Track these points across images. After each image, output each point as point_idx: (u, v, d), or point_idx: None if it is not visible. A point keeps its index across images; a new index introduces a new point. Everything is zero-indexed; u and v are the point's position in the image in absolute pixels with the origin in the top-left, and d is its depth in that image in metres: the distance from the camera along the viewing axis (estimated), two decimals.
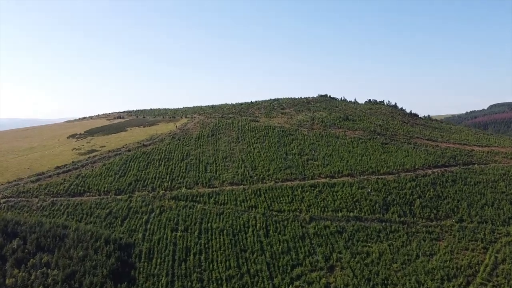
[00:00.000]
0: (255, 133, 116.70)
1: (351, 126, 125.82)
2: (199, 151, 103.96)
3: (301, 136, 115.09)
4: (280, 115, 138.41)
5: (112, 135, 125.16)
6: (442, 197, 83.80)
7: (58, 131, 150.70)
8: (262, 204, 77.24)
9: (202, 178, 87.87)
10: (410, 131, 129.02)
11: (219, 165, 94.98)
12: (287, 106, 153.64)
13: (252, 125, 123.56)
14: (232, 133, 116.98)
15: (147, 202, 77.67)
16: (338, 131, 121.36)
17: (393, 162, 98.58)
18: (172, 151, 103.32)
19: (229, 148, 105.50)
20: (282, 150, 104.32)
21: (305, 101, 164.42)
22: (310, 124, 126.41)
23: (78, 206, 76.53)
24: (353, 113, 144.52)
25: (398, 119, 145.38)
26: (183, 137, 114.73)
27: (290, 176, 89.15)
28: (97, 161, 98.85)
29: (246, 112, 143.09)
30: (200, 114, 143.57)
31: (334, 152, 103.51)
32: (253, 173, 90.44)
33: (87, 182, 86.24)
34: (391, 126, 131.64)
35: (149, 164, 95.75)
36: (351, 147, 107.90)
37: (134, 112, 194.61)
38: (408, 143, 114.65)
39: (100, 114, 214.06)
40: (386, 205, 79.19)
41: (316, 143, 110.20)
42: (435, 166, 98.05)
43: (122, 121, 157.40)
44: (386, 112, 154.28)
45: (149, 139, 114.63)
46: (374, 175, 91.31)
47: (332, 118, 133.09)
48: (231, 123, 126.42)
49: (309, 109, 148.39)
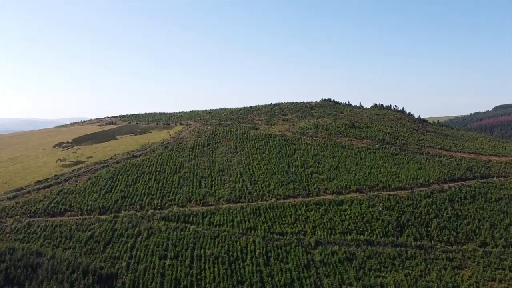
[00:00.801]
0: (254, 142, 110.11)
1: (358, 134, 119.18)
2: (194, 162, 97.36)
3: (304, 146, 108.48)
4: (281, 122, 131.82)
5: (101, 144, 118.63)
6: (462, 216, 77.11)
7: (46, 138, 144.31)
8: (262, 226, 70.59)
9: (196, 195, 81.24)
10: (421, 139, 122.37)
11: (215, 179, 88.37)
12: (288, 112, 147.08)
13: (252, 134, 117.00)
14: (230, 142, 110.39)
15: (134, 223, 71.01)
16: (344, 140, 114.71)
17: (405, 175, 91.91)
18: (164, 163, 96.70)
19: (226, 160, 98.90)
20: (283, 162, 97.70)
21: (307, 106, 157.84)
22: (314, 132, 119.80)
23: (57, 228, 69.91)
24: (359, 120, 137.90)
25: (407, 126, 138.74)
26: (177, 146, 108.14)
27: (292, 192, 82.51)
28: (82, 174, 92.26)
29: (245, 119, 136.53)
30: (196, 121, 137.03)
31: (340, 164, 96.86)
32: (252, 189, 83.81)
33: (69, 199, 79.68)
34: (400, 134, 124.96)
35: (139, 178, 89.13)
36: (359, 158, 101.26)
37: (127, 117, 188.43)
38: (420, 153, 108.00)
39: (92, 119, 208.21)
40: (400, 226, 72.50)
41: (321, 153, 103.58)
42: (451, 179, 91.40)
43: (114, 127, 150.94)
44: (394, 118, 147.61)
45: (140, 149, 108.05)
46: (385, 190, 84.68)
47: (337, 125, 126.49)
48: (229, 131, 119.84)
49: (312, 115, 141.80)
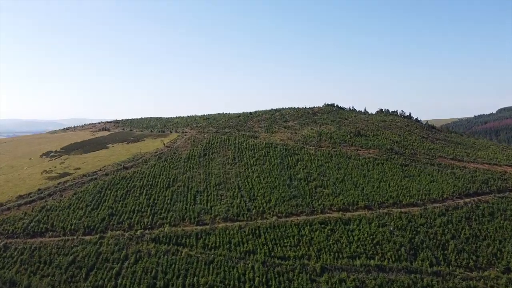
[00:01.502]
0: (254, 153, 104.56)
1: (364, 143, 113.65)
2: (189, 175, 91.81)
3: (307, 156, 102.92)
4: (282, 130, 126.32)
5: (90, 154, 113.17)
6: (481, 237, 71.42)
7: (35, 146, 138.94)
8: (262, 249, 64.96)
9: (190, 212, 75.67)
10: (431, 148, 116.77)
11: (211, 194, 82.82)
12: (290, 118, 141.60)
13: (251, 142, 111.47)
14: (228, 153, 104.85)
15: (121, 245, 65.43)
16: (349, 149, 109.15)
17: (416, 189, 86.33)
18: (156, 176, 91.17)
19: (223, 172, 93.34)
20: (285, 174, 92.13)
21: (310, 112, 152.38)
22: (317, 140, 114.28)
23: (36, 251, 64.41)
24: (365, 127, 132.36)
25: (416, 133, 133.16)
26: (171, 157, 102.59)
27: (295, 209, 76.90)
28: (68, 188, 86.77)
29: (244, 126, 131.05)
30: (193, 128, 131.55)
31: (346, 177, 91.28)
32: (251, 205, 78.23)
33: (52, 217, 74.22)
34: (409, 142, 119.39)
35: (129, 192, 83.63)
36: (366, 170, 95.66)
37: (121, 123, 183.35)
38: (431, 164, 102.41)
39: (85, 124, 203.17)
40: (414, 249, 66.82)
41: (325, 164, 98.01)
42: (467, 194, 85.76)
43: (106, 134, 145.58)
44: (402, 125, 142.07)
45: (132, 160, 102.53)
46: (396, 207, 79.05)
47: (342, 133, 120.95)
48: (227, 139, 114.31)
49: (315, 121, 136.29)
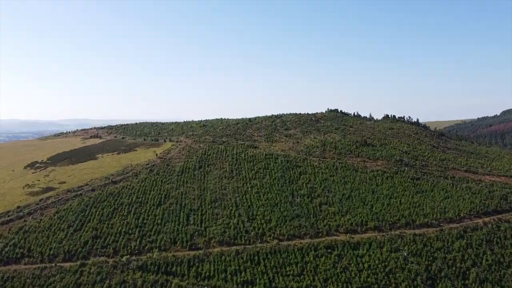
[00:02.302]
0: (253, 165, 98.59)
1: (372, 153, 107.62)
2: (182, 190, 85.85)
3: (310, 169, 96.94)
4: (283, 138, 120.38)
5: (78, 166, 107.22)
6: (504, 263, 65.39)
7: (21, 155, 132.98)
8: (261, 278, 59.03)
9: (182, 234, 69.69)
10: (443, 159, 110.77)
11: (205, 213, 76.87)
12: (292, 126, 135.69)
13: (250, 153, 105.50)
14: (225, 165, 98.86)
15: (103, 274, 59.46)
16: (356, 160, 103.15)
17: (430, 207, 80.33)
18: (147, 191, 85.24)
19: (219, 187, 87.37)
20: (287, 190, 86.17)
21: (312, 118, 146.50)
22: (321, 151, 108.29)
23: (8, 282, 58.52)
24: (371, 135, 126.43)
25: (425, 142, 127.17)
26: (164, 170, 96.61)
27: (298, 231, 70.90)
28: (50, 205, 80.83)
29: (243, 134, 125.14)
30: (188, 137, 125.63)
31: (353, 193, 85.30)
32: (250, 226, 72.25)
33: (30, 240, 68.30)
34: (419, 153, 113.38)
35: (116, 211, 77.69)
36: (375, 185, 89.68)
37: (115, 129, 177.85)
38: (444, 177, 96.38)
39: (77, 130, 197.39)
40: (431, 278, 60.81)
41: (330, 178, 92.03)
42: (485, 212, 79.79)
43: (97, 142, 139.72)
44: (410, 133, 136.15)
45: (121, 172, 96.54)
46: (409, 227, 73.05)
47: (347, 143, 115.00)
48: (224, 150, 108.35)
49: (318, 129, 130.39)
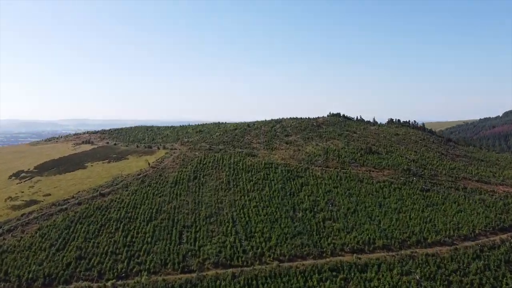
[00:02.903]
0: (251, 175, 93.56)
1: (377, 162, 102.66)
2: (175, 204, 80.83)
3: (312, 180, 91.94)
4: (284, 146, 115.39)
5: (65, 175, 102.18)
6: None
7: (6, 163, 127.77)
8: None
9: (173, 254, 64.68)
10: (453, 168, 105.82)
11: (200, 230, 71.86)
12: (292, 131, 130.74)
13: (248, 162, 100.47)
14: (222, 175, 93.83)
15: None
16: (361, 170, 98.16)
17: (442, 222, 75.38)
18: (137, 205, 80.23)
19: (215, 200, 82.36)
20: (288, 203, 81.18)
21: (314, 123, 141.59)
22: (324, 159, 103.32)
23: None
24: (376, 142, 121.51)
25: (433, 149, 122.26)
26: (156, 181, 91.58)
27: (300, 251, 65.87)
28: (32, 221, 75.80)
29: (241, 141, 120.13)
30: (183, 144, 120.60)
31: (359, 206, 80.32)
32: (248, 245, 67.24)
33: (8, 261, 63.49)
34: (428, 161, 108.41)
35: (103, 227, 72.67)
36: (382, 198, 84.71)
37: (108, 134, 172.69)
38: (455, 189, 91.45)
39: (69, 135, 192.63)
40: None
41: (334, 190, 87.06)
42: (502, 228, 74.84)
43: (88, 149, 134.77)
44: (417, 139, 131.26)
45: (111, 183, 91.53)
46: (421, 246, 68.06)
47: (351, 150, 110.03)
48: (221, 158, 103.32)
49: (320, 135, 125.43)
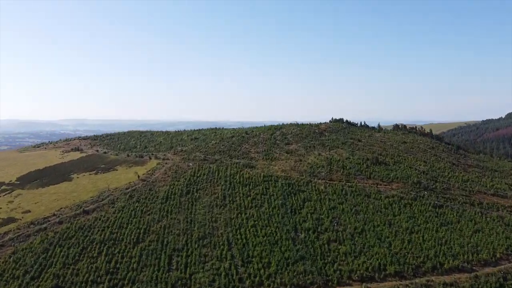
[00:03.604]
0: (249, 189, 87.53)
1: (385, 174, 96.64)
2: (165, 223, 74.77)
3: (315, 194, 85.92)
4: (284, 155, 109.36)
5: (48, 189, 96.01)
6: None
7: None
8: None
9: (162, 284, 58.66)
10: (466, 180, 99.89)
11: (192, 254, 65.77)
12: (293, 139, 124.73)
13: (246, 175, 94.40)
14: (217, 189, 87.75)
15: None
16: (367, 183, 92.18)
17: (459, 244, 69.41)
18: (123, 224, 74.16)
19: (210, 218, 76.30)
20: (289, 222, 75.13)
21: (316, 130, 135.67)
22: (327, 171, 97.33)
23: None
24: (383, 151, 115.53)
25: (443, 158, 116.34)
26: (145, 196, 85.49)
27: (303, 279, 59.84)
28: (7, 244, 69.75)
29: (238, 150, 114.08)
30: (176, 153, 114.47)
31: (367, 226, 74.30)
32: (244, 272, 61.19)
33: None
34: (438, 173, 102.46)
35: (84, 251, 66.58)
36: (391, 215, 78.71)
37: (100, 140, 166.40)
38: (470, 204, 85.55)
39: (58, 141, 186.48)
40: None
41: (339, 206, 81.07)
42: None
43: (76, 158, 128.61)
44: (426, 148, 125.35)
45: (97, 199, 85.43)
46: (436, 273, 62.10)
47: (356, 161, 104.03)
48: (216, 170, 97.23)
49: (323, 144, 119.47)
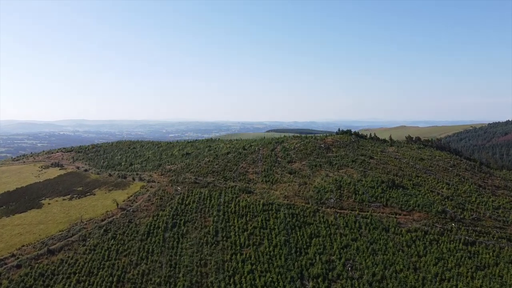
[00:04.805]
0: (246, 221, 75.98)
1: (404, 201, 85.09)
2: (144, 268, 63.16)
3: (324, 228, 74.32)
4: (286, 177, 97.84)
5: (14, 218, 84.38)
6: None
7: None
8: None
9: None
10: (497, 207, 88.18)
11: None
12: (296, 156, 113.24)
13: (243, 202, 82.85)
14: (208, 221, 76.17)
15: None
16: (384, 212, 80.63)
17: None
18: (94, 269, 62.56)
19: (198, 261, 64.69)
20: (294, 266, 63.55)
21: (322, 145, 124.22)
22: (337, 196, 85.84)
23: None
24: (398, 171, 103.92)
25: (468, 179, 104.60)
26: (124, 230, 73.89)
27: None
28: None
29: (235, 170, 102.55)
30: (164, 174, 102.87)
31: (388, 271, 62.63)
32: None
33: None
34: (465, 198, 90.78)
35: None
36: (415, 255, 67.08)
37: (84, 153, 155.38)
38: (507, 239, 73.99)
39: (39, 154, 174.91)
40: None
41: (352, 244, 69.48)
42: None
43: (53, 176, 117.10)
44: (445, 165, 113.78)
45: (66, 233, 73.82)
46: None
47: (370, 184, 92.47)
48: (208, 196, 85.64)
49: (330, 162, 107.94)
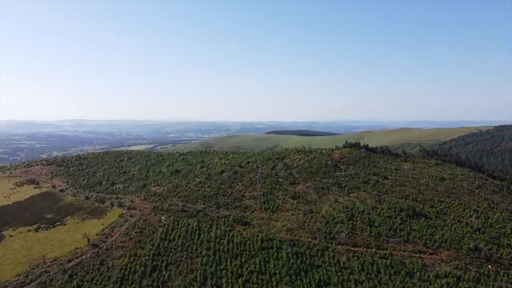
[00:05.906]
0: (241, 263, 64.17)
1: (429, 235, 73.30)
2: None
3: (335, 272, 62.52)
4: (289, 202, 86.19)
5: None
6: None
7: None
8: None
9: None
10: None
11: None
12: (300, 176, 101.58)
13: (237, 238, 71.02)
14: (195, 263, 64.32)
15: None
16: (406, 250, 68.79)
17: None
18: None
19: None
20: None
21: (328, 161, 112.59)
22: (349, 229, 74.14)
23: None
24: (418, 194, 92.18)
25: (497, 203, 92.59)
26: (93, 275, 61.98)
27: None
28: None
29: (229, 193, 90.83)
30: (147, 198, 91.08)
31: None
32: None
33: None
34: (498, 230, 78.96)
35: None
36: None
37: (66, 166, 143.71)
38: None
39: (21, 165, 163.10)
40: None
41: None
42: None
43: (24, 198, 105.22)
44: (470, 187, 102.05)
45: (23, 279, 61.89)
46: None
47: (386, 212, 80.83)
48: (197, 229, 73.83)
49: (339, 184, 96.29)
